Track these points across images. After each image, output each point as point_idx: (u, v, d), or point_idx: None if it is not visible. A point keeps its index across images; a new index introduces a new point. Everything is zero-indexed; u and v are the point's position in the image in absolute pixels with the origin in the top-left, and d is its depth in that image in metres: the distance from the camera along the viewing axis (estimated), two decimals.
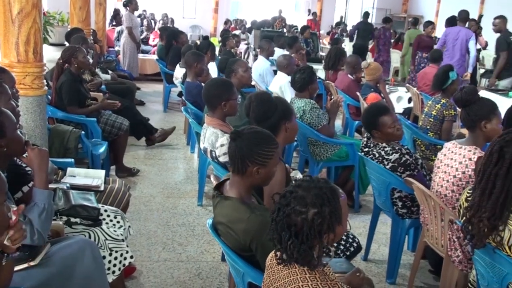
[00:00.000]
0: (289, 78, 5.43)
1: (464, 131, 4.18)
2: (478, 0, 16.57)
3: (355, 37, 13.24)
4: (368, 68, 6.40)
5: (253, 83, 7.18)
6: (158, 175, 5.53)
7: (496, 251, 2.38)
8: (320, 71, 8.77)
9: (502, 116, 3.90)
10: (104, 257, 2.74)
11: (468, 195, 2.57)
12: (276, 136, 2.98)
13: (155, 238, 4.07)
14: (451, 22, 9.36)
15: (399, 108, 8.18)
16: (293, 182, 1.82)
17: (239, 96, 4.30)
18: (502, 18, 8.41)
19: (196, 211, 4.65)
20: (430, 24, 11.06)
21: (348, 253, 3.00)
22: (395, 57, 13.28)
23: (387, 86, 8.52)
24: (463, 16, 9.29)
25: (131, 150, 6.15)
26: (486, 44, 11.03)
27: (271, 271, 1.85)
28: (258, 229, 2.15)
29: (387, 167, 3.48)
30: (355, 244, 3.05)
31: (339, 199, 1.76)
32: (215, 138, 3.72)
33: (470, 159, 3.06)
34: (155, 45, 12.45)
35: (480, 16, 10.32)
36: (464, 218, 2.51)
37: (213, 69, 7.11)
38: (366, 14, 14.16)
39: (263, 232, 2.08)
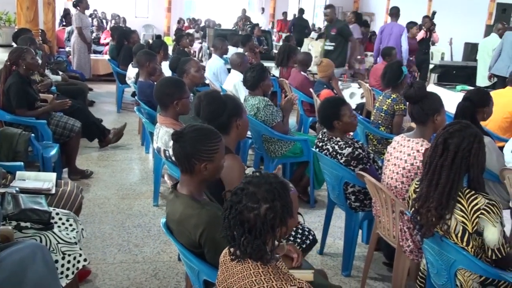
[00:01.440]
0: (242, 76, 5.45)
1: (414, 124, 4.29)
2: None
3: (292, 32, 14.03)
4: (321, 65, 6.49)
5: (207, 81, 7.18)
6: (113, 176, 5.45)
7: (443, 239, 2.46)
8: (274, 69, 8.83)
9: (449, 109, 4.05)
10: (56, 261, 2.69)
11: (416, 186, 2.65)
12: (228, 133, 3.02)
13: (110, 240, 4.02)
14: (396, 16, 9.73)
15: (352, 104, 8.33)
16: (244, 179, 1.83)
17: (192, 95, 4.28)
18: (332, 8, 8.97)
19: (152, 212, 4.61)
20: (414, 25, 9.80)
21: (304, 246, 3.04)
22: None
23: (340, 83, 8.67)
24: (394, 11, 9.78)
25: (84, 152, 6.04)
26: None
27: (225, 267, 1.86)
28: (207, 223, 2.16)
29: (341, 161, 3.54)
30: (310, 237, 3.09)
31: (290, 193, 1.79)
32: (168, 138, 3.70)
33: (418, 151, 3.15)
34: (107, 44, 12.26)
35: (433, 13, 10.59)
36: (413, 208, 2.59)
37: (166, 68, 7.05)
38: (301, 11, 15.22)
39: (212, 226, 2.09)
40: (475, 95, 3.82)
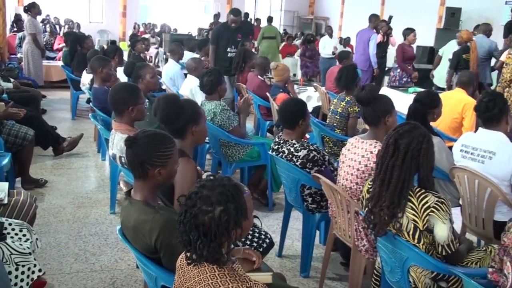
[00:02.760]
0: (198, 81, 5.44)
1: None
2: (378, 2, 17.35)
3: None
4: (277, 69, 6.55)
5: (164, 87, 7.14)
6: (68, 185, 5.35)
7: (396, 237, 2.53)
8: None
9: (402, 111, 4.16)
10: (10, 273, 2.63)
11: (369, 186, 2.72)
12: (184, 138, 3.02)
13: (66, 250, 3.94)
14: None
15: (309, 107, 8.40)
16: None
17: (147, 100, 4.25)
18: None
19: (109, 220, 4.55)
20: (411, 31, 9.22)
21: (261, 249, 3.06)
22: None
23: (296, 86, 8.77)
24: (370, 18, 10.04)
25: (38, 161, 5.92)
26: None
27: (182, 271, 1.87)
28: (162, 228, 2.16)
29: (297, 163, 3.58)
30: (267, 240, 3.12)
31: (243, 195, 1.81)
32: (123, 144, 3.66)
33: (371, 152, 3.22)
34: (60, 50, 12.03)
35: (390, 17, 10.79)
36: (367, 208, 2.65)
37: (121, 74, 6.96)
38: (246, 15, 15.53)
39: (167, 230, 2.09)
40: (425, 97, 3.93)
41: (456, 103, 5.23)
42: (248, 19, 15.61)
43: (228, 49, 7.74)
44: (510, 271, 2.13)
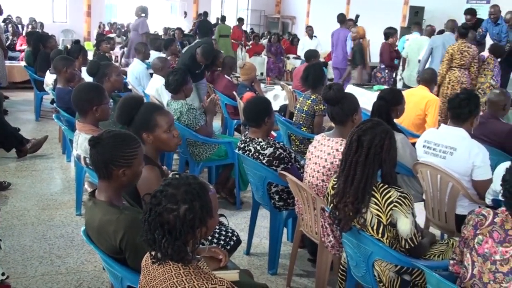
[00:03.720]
0: (164, 80, 5.41)
1: None
2: (344, 1, 17.55)
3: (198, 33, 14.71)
4: (244, 68, 6.56)
5: (129, 86, 7.08)
6: (32, 187, 5.26)
7: (360, 232, 2.58)
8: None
9: (368, 108, 4.21)
10: None
11: (334, 183, 2.75)
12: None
13: (31, 253, 3.87)
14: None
15: (276, 105, 8.48)
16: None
17: (111, 100, 4.21)
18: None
19: (74, 221, 4.49)
20: (395, 31, 9.32)
21: (228, 247, 3.07)
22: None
23: (263, 85, 8.81)
24: (341, 18, 10.32)
25: (1, 163, 5.80)
26: None
27: (147, 271, 1.86)
28: (127, 228, 2.14)
29: (264, 161, 3.60)
30: (234, 238, 3.13)
31: (209, 193, 1.81)
32: (88, 144, 3.62)
33: (337, 150, 3.25)
34: (23, 51, 11.79)
35: (357, 16, 10.94)
36: (332, 204, 2.68)
37: (86, 74, 6.87)
38: (205, 14, 15.72)
39: (132, 230, 2.08)
40: (388, 94, 4.01)
41: (419, 100, 5.34)
42: (207, 18, 15.88)
43: None
44: (470, 263, 2.19)
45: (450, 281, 2.15)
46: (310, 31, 12.42)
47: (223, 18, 15.51)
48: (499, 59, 7.50)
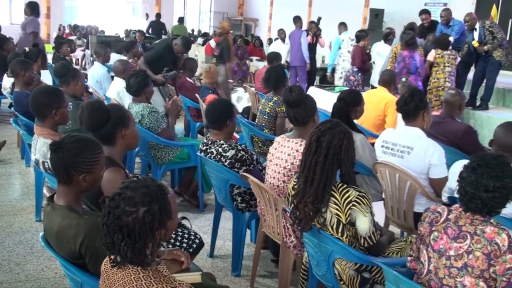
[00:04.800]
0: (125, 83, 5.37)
1: None
2: (306, 4, 17.72)
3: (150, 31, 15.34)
4: (209, 71, 6.56)
5: (90, 90, 6.97)
6: None
7: (321, 232, 2.61)
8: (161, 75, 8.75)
9: (329, 109, 4.27)
10: None
11: (294, 183, 2.79)
12: (114, 143, 2.94)
13: None
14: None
15: (239, 107, 8.51)
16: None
17: (70, 104, 4.15)
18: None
19: (34, 228, 4.40)
20: (366, 35, 9.24)
21: (191, 250, 3.07)
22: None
23: None
24: (296, 20, 10.62)
25: None
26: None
27: (106, 275, 1.85)
28: (87, 232, 2.12)
29: (226, 163, 3.61)
30: (197, 241, 3.13)
31: (167, 195, 1.81)
32: (46, 149, 3.55)
33: (297, 150, 3.29)
34: None
35: (319, 18, 11.05)
36: (292, 205, 2.72)
37: (46, 77, 6.77)
38: (158, 15, 16.67)
39: (92, 235, 2.06)
40: (348, 96, 4.07)
41: (379, 101, 5.44)
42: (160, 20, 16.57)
43: None
44: (426, 259, 2.25)
45: (407, 277, 2.20)
46: (282, 35, 11.60)
47: (180, 20, 16.17)
48: (458, 59, 7.70)
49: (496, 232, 2.06)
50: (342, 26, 10.45)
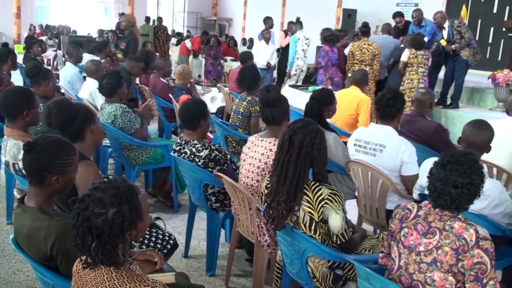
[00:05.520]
0: (98, 83, 5.32)
1: None
2: (280, 4, 17.78)
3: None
4: (183, 73, 6.54)
5: (62, 90, 6.89)
6: None
7: (294, 230, 2.63)
8: None
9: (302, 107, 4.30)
10: None
11: (267, 182, 2.80)
12: (83, 139, 2.98)
13: None
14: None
15: (213, 108, 8.51)
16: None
17: (41, 105, 4.09)
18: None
19: (5, 230, 4.33)
20: (345, 35, 9.35)
21: (165, 251, 3.06)
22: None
23: (200, 87, 8.81)
24: (264, 20, 10.79)
25: None
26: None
27: (78, 276, 1.83)
28: (58, 234, 2.10)
29: (199, 163, 3.61)
30: (171, 242, 3.12)
31: (138, 196, 1.81)
32: (17, 150, 3.51)
33: (270, 150, 3.30)
34: None
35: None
36: (266, 203, 2.73)
37: (16, 77, 6.66)
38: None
39: (63, 236, 2.04)
40: (320, 95, 4.11)
41: (351, 100, 5.49)
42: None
43: None
44: (397, 255, 2.29)
45: (379, 273, 2.24)
46: (267, 35, 10.69)
47: (147, 19, 15.93)
48: (430, 59, 7.81)
49: (464, 228, 2.11)
50: (298, 24, 10.55)
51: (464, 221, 2.15)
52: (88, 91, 5.90)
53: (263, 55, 10.36)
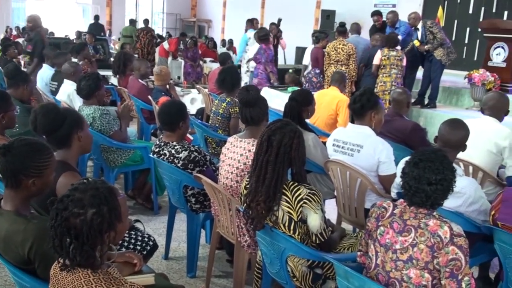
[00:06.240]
0: (76, 85, 5.27)
1: None
2: (258, 5, 17.82)
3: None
4: (161, 74, 6.51)
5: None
6: None
7: (273, 230, 2.65)
8: (113, 77, 8.65)
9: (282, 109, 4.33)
10: None
11: (246, 182, 2.82)
12: (70, 146, 2.91)
13: None
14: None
15: (193, 109, 8.50)
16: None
17: (18, 107, 4.05)
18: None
19: None
20: (326, 36, 9.08)
21: (145, 252, 3.05)
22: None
23: (180, 89, 8.79)
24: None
25: None
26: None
27: (56, 280, 1.82)
28: (35, 237, 2.09)
29: (179, 165, 3.61)
30: (151, 243, 3.12)
31: (117, 197, 1.81)
32: None
33: (249, 150, 3.31)
34: None
35: (279, 20, 11.09)
36: (245, 204, 2.74)
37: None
38: (96, 17, 17.58)
39: (41, 239, 2.03)
40: (299, 95, 4.14)
41: (331, 100, 5.54)
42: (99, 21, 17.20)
43: None
44: (374, 253, 2.32)
45: (357, 271, 2.26)
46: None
47: (131, 21, 16.27)
48: (404, 60, 7.86)
49: (438, 225, 2.15)
50: (249, 23, 10.70)
51: (439, 218, 2.19)
52: (66, 93, 5.85)
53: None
